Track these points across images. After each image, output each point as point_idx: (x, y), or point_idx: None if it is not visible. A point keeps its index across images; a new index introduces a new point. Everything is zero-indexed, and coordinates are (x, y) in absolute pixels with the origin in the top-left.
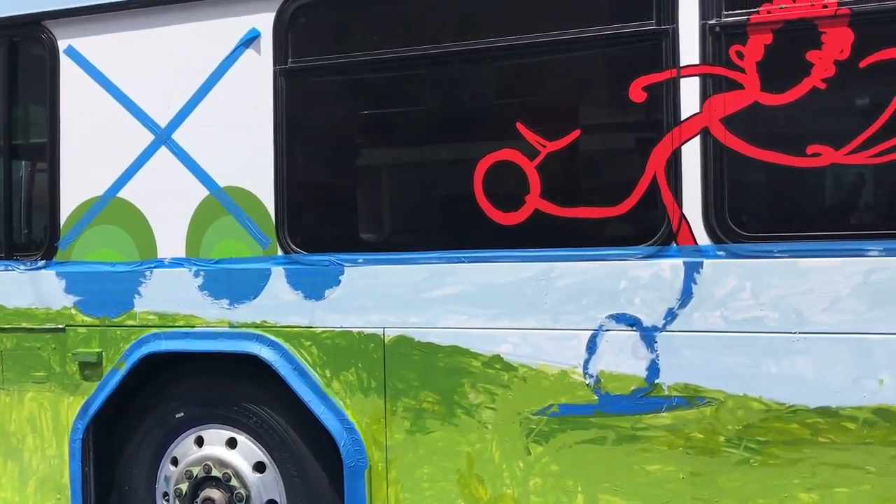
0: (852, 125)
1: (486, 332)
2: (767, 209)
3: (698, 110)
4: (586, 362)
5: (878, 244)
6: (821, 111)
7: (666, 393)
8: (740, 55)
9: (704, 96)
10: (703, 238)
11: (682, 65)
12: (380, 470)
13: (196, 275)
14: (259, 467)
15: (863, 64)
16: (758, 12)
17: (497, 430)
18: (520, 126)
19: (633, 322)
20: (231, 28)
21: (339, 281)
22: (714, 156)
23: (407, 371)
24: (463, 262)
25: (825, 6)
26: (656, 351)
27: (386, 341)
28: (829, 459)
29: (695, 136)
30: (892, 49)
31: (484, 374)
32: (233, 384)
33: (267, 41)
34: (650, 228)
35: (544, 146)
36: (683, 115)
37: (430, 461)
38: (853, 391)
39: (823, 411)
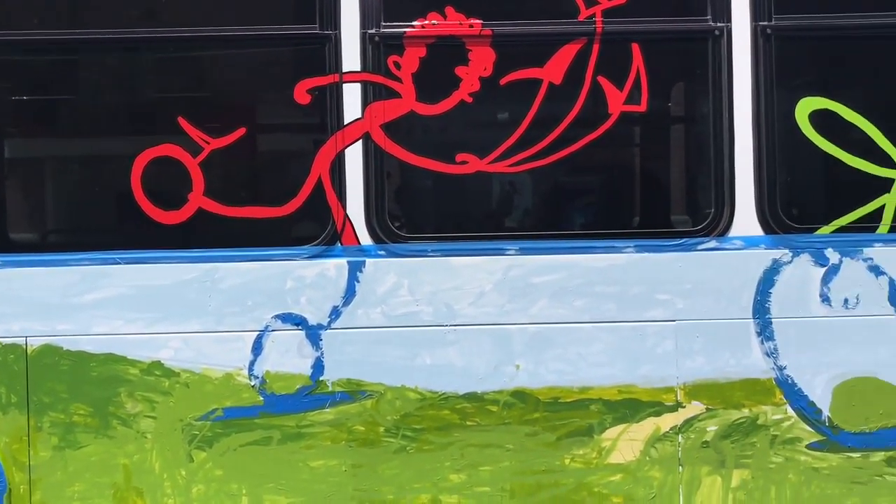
0: (494, 137)
1: (145, 337)
2: (423, 212)
3: (360, 116)
4: (252, 364)
5: (515, 244)
6: (468, 123)
7: (330, 389)
8: (398, 65)
9: (366, 102)
10: (365, 238)
11: (344, 70)
12: (21, 493)
13: None
14: None
15: (503, 81)
16: (413, 26)
17: (157, 439)
18: (182, 121)
19: (298, 321)
20: None
21: None
22: (375, 160)
23: (55, 383)
24: (119, 263)
25: (471, 26)
26: (321, 349)
27: (29, 352)
28: (475, 441)
29: (357, 140)
30: (528, 69)
31: (143, 382)
32: None
33: None
34: (316, 229)
35: (208, 143)
36: (346, 120)
37: (82, 478)
38: (495, 377)
39: (471, 396)
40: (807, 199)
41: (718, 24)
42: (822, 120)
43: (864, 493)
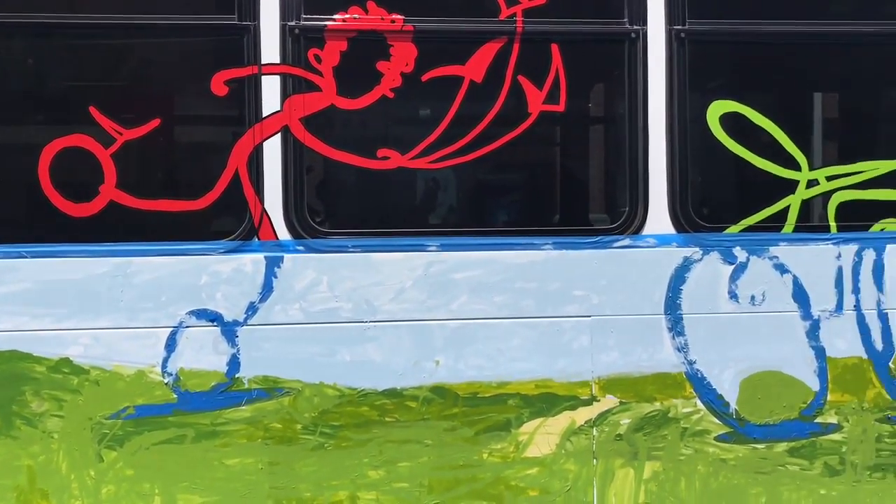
0: (416, 133)
1: (53, 333)
2: (343, 207)
3: (279, 108)
4: (165, 361)
5: (436, 240)
6: (389, 118)
7: (246, 386)
8: (318, 59)
9: (285, 95)
10: (283, 233)
11: (263, 62)
12: None
13: None
14: None
15: (425, 77)
16: (333, 20)
17: (65, 438)
18: (94, 111)
19: (214, 317)
20: None
21: None
22: (294, 154)
23: None
24: (25, 257)
25: (393, 21)
26: (237, 345)
27: None
28: (394, 437)
29: (276, 133)
30: (450, 66)
31: (50, 380)
32: None
33: None
34: (232, 223)
35: (121, 133)
36: (265, 112)
37: None
38: (415, 373)
39: (390, 393)
40: (717, 199)
41: (635, 28)
42: (732, 123)
43: (768, 483)
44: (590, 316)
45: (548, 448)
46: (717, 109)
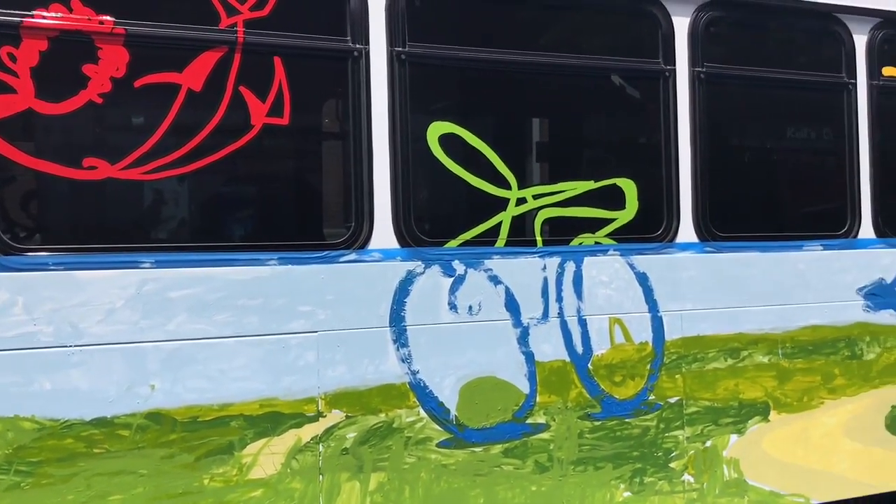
0: (128, 141)
1: None
2: (44, 221)
3: None
4: None
5: (151, 256)
6: (98, 125)
7: None
8: (13, 58)
9: None
10: None
11: None
12: None
13: None
14: None
15: (138, 84)
16: (31, 16)
17: None
18: None
19: None
20: None
21: None
22: None
23: None
24: None
25: (101, 22)
26: None
27: None
28: (104, 469)
29: None
30: (165, 73)
31: None
32: None
33: None
34: None
35: None
36: None
37: None
38: (128, 399)
39: (99, 422)
40: (437, 215)
41: (357, 46)
42: (450, 143)
43: (486, 484)
44: (316, 331)
45: (273, 468)
46: (436, 130)
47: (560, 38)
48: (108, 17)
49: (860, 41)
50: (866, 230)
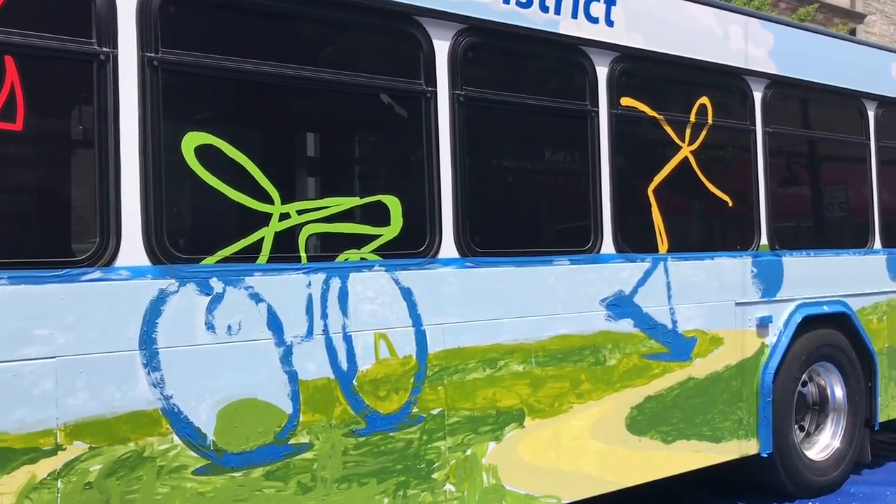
0: None
1: None
2: None
3: None
4: None
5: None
6: None
7: None
8: None
9: None
10: None
11: None
12: None
13: None
14: None
15: None
16: None
17: None
18: None
19: None
20: None
21: None
22: None
23: None
24: None
25: None
26: None
27: None
28: None
29: None
30: None
31: None
32: None
33: None
34: None
35: None
36: None
37: None
38: None
39: None
40: (193, 231)
41: (104, 49)
42: (209, 155)
43: None
44: (55, 357)
45: None
46: (192, 140)
47: (327, 53)
48: None
49: (601, 72)
50: (608, 246)
